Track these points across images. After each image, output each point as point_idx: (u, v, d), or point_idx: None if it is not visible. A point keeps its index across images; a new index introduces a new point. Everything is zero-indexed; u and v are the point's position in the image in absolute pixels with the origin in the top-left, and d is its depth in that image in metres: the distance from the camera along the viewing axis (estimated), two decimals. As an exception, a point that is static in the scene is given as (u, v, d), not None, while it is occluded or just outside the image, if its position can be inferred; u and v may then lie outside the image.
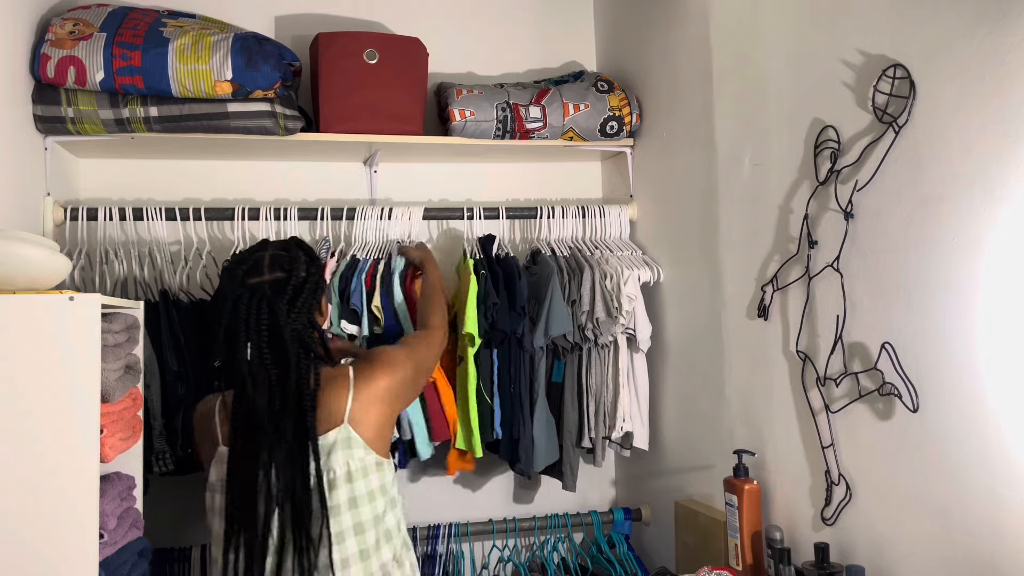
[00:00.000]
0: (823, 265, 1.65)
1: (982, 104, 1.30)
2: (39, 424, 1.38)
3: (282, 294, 1.53)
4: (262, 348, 1.50)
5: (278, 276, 1.55)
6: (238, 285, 1.54)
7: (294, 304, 1.54)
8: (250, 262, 1.57)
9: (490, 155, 2.61)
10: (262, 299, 1.51)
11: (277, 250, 1.60)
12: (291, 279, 1.55)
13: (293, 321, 1.53)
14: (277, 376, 1.51)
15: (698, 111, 2.13)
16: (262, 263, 1.57)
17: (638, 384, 2.36)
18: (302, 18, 2.59)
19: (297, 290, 1.55)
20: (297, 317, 1.54)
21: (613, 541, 2.46)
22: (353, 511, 1.55)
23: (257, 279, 1.55)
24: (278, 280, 1.55)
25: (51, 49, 2.01)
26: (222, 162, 2.50)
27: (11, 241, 1.44)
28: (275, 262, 1.57)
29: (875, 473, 1.55)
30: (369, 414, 1.59)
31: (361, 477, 1.56)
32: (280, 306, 1.52)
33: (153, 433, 2.07)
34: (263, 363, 1.51)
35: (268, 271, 1.56)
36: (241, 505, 1.51)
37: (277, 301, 1.52)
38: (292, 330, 1.52)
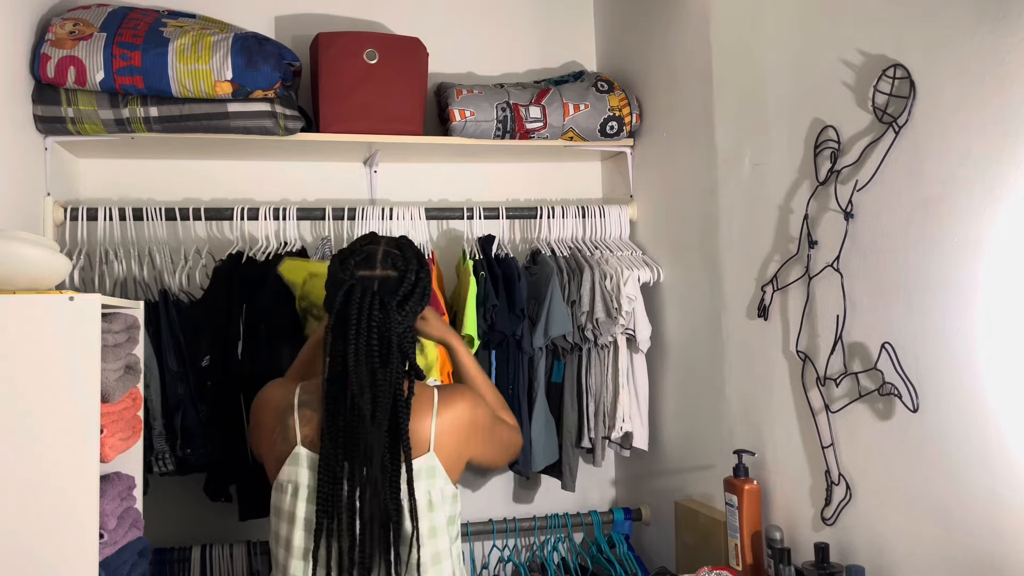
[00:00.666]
0: (823, 265, 1.65)
1: (982, 104, 1.30)
2: (39, 424, 1.38)
3: (393, 294, 1.48)
4: (371, 345, 1.43)
5: (390, 274, 1.49)
6: (349, 275, 1.48)
7: (403, 306, 1.48)
8: (363, 254, 1.51)
9: (490, 155, 2.61)
10: (374, 295, 1.45)
11: (390, 247, 1.53)
12: (404, 280, 1.50)
13: (400, 323, 1.47)
14: (383, 376, 1.44)
15: (698, 111, 2.13)
16: (375, 257, 1.50)
17: (638, 384, 2.36)
18: (302, 18, 2.59)
19: (408, 293, 1.49)
20: (404, 320, 1.48)
21: (613, 541, 2.46)
22: (432, 540, 1.49)
23: (368, 272, 1.49)
24: (389, 278, 1.49)
25: (51, 49, 2.02)
26: (222, 162, 2.50)
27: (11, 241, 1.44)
28: (388, 258, 1.51)
29: (875, 473, 1.55)
30: (450, 441, 1.51)
31: (440, 507, 1.50)
32: (391, 305, 1.46)
33: (153, 433, 2.07)
34: (370, 362, 1.44)
35: (380, 267, 1.49)
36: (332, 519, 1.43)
37: (389, 300, 1.46)
38: (398, 332, 1.47)
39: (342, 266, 1.49)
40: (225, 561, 2.21)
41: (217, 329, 2.11)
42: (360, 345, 1.43)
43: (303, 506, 1.48)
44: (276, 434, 1.53)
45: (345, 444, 1.44)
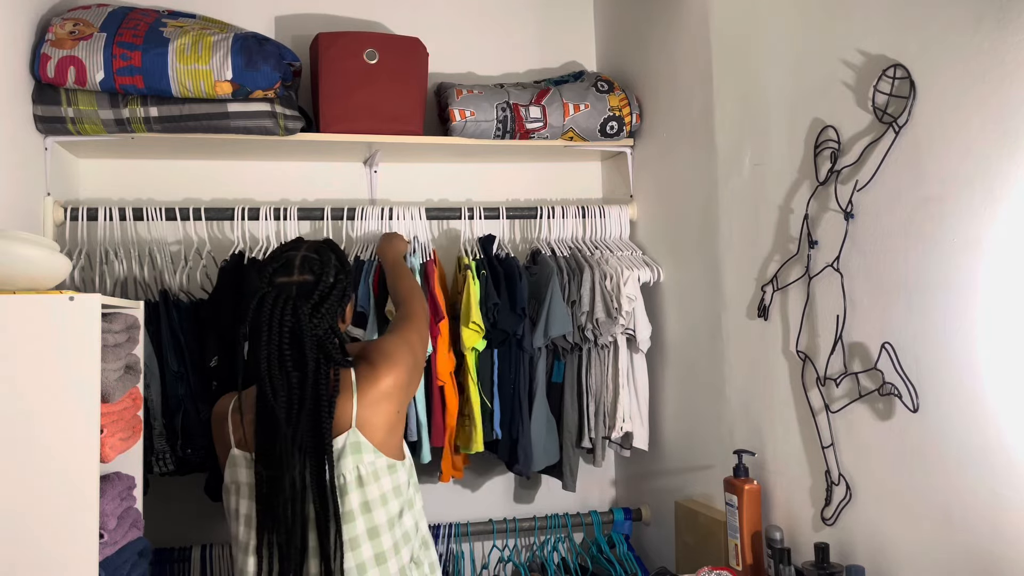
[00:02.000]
0: (823, 265, 1.65)
1: (982, 104, 1.30)
2: (39, 424, 1.38)
3: (307, 298, 1.52)
4: (283, 350, 1.49)
5: (306, 279, 1.54)
6: (266, 283, 1.54)
7: (318, 310, 1.53)
8: (281, 260, 1.57)
9: (490, 155, 2.61)
10: (287, 301, 1.50)
11: (309, 251, 1.59)
12: (319, 284, 1.54)
13: (315, 327, 1.52)
14: (297, 380, 1.50)
15: (698, 111, 2.13)
16: (293, 263, 1.56)
17: (638, 384, 2.36)
18: (302, 18, 2.59)
19: (323, 296, 1.54)
20: (319, 323, 1.52)
21: (613, 541, 2.46)
22: (366, 515, 1.53)
23: (286, 279, 1.54)
24: (306, 283, 1.54)
25: (51, 49, 2.02)
26: (222, 162, 2.50)
27: (11, 241, 1.44)
28: (306, 264, 1.56)
29: (875, 473, 1.55)
30: (377, 415, 1.56)
31: (372, 481, 1.54)
32: (304, 310, 1.50)
33: (153, 433, 2.07)
34: (283, 366, 1.49)
35: (298, 272, 1.55)
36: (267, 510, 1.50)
37: (301, 305, 1.51)
38: (313, 335, 1.51)
39: (260, 274, 1.56)
40: (225, 561, 2.21)
41: (223, 329, 2.11)
42: (272, 351, 1.49)
43: (244, 503, 1.56)
44: (219, 442, 1.65)
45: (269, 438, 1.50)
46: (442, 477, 2.31)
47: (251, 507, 1.55)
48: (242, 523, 1.56)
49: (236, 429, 1.59)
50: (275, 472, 1.49)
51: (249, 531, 1.55)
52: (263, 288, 1.53)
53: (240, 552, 1.57)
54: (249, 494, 1.55)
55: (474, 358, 2.25)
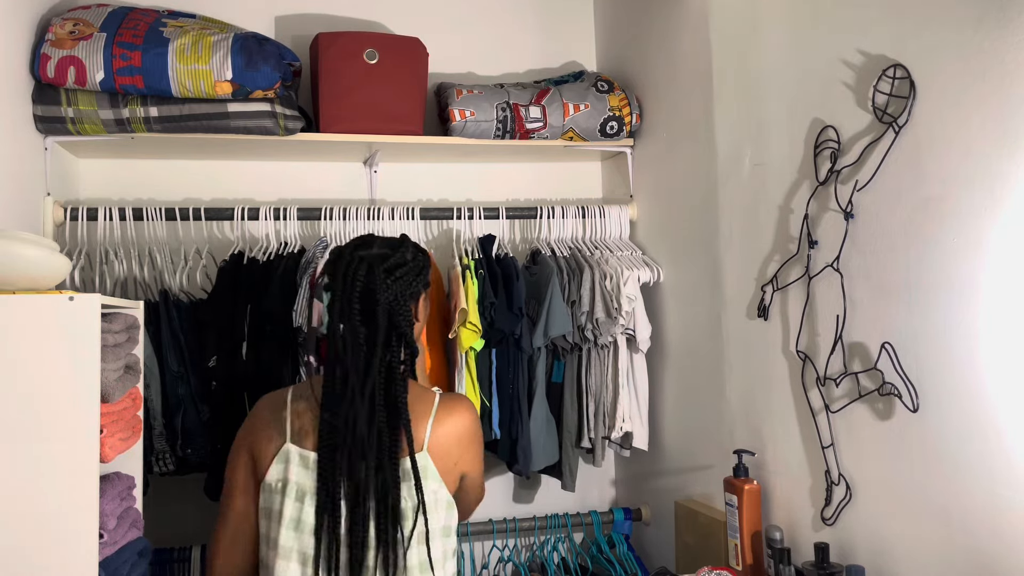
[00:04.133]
0: (823, 265, 1.65)
1: (982, 104, 1.30)
2: (39, 424, 1.38)
3: (383, 261, 1.48)
4: (352, 304, 1.44)
5: (384, 252, 1.51)
6: (347, 253, 1.50)
7: (392, 273, 1.48)
8: (360, 239, 1.55)
9: (490, 155, 2.61)
10: (362, 261, 1.47)
11: (388, 238, 1.57)
12: (395, 254, 1.51)
13: (388, 288, 1.45)
14: (365, 337, 1.43)
15: (698, 111, 2.13)
16: (373, 240, 1.54)
17: (638, 384, 2.36)
18: (302, 18, 2.59)
19: (399, 263, 1.50)
20: (392, 285, 1.46)
21: (613, 541, 2.46)
22: (420, 547, 1.44)
23: (364, 252, 1.50)
24: (383, 254, 1.50)
25: (51, 49, 2.02)
26: (222, 162, 2.50)
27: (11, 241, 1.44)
28: (385, 242, 1.54)
29: (875, 473, 1.55)
30: (447, 443, 1.49)
31: (432, 510, 1.45)
32: (378, 271, 1.46)
33: (153, 433, 2.07)
34: (351, 319, 1.44)
35: (377, 247, 1.51)
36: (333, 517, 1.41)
37: (376, 266, 1.47)
38: (386, 298, 1.45)
39: (339, 251, 1.52)
40: (225, 561, 2.20)
41: (222, 330, 2.11)
42: (344, 305, 1.44)
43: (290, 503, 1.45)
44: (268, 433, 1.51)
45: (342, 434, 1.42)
46: None
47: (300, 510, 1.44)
48: (286, 526, 1.44)
49: (297, 419, 1.49)
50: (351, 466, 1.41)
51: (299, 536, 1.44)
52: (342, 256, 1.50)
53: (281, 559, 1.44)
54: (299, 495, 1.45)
55: (472, 358, 2.25)
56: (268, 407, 1.55)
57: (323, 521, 1.42)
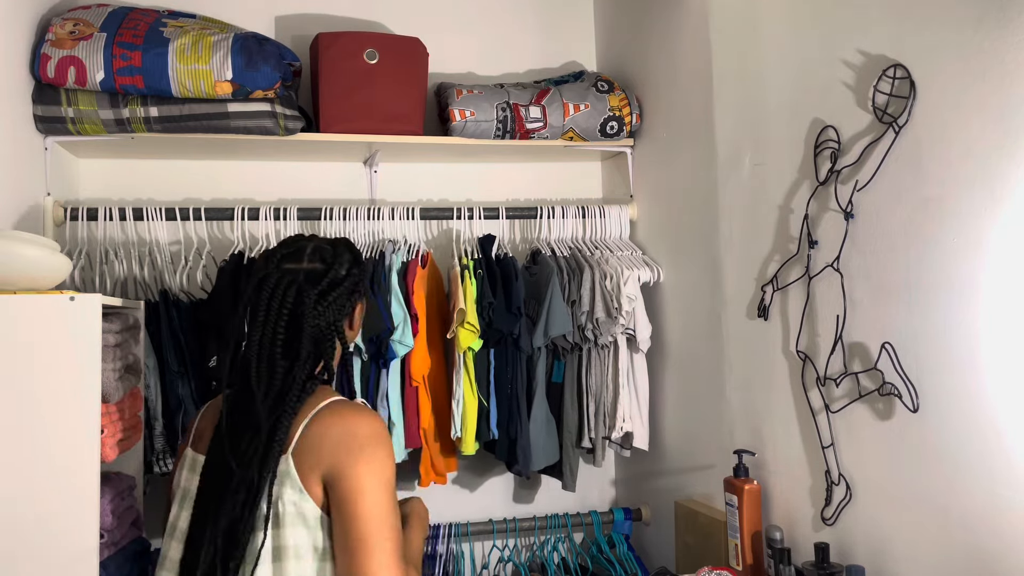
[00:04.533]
0: (823, 265, 1.65)
1: (982, 104, 1.30)
2: (39, 424, 1.38)
3: (314, 284, 1.38)
4: (276, 333, 1.33)
5: (316, 267, 1.40)
6: (273, 267, 1.39)
7: (324, 298, 1.38)
8: (291, 248, 1.43)
9: (490, 155, 2.61)
10: (291, 284, 1.35)
11: (322, 243, 1.45)
12: (329, 272, 1.40)
13: (317, 315, 1.36)
14: (283, 370, 1.32)
15: (698, 111, 2.13)
16: (303, 251, 1.42)
17: (638, 384, 2.36)
18: (302, 18, 2.59)
19: (332, 285, 1.39)
20: (323, 312, 1.37)
21: (613, 541, 2.46)
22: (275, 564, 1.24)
23: (294, 265, 1.39)
24: (315, 271, 1.39)
25: (51, 49, 2.02)
26: (222, 162, 2.50)
27: (11, 241, 1.44)
28: (317, 252, 1.42)
29: (875, 473, 1.55)
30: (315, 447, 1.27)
31: (290, 524, 1.25)
32: (309, 296, 1.35)
33: (153, 433, 2.07)
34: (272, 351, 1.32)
35: (307, 260, 1.40)
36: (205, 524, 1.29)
37: (307, 290, 1.36)
38: (313, 325, 1.35)
39: (266, 261, 1.41)
40: (225, 561, 2.20)
41: (222, 330, 2.11)
42: (266, 333, 1.33)
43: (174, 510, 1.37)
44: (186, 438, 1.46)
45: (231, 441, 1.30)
46: (421, 482, 2.29)
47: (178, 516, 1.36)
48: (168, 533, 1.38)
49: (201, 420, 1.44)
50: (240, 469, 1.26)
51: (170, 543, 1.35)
52: (267, 270, 1.38)
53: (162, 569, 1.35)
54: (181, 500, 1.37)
55: (471, 358, 2.25)
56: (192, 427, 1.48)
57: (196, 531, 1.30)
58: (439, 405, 2.29)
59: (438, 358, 2.31)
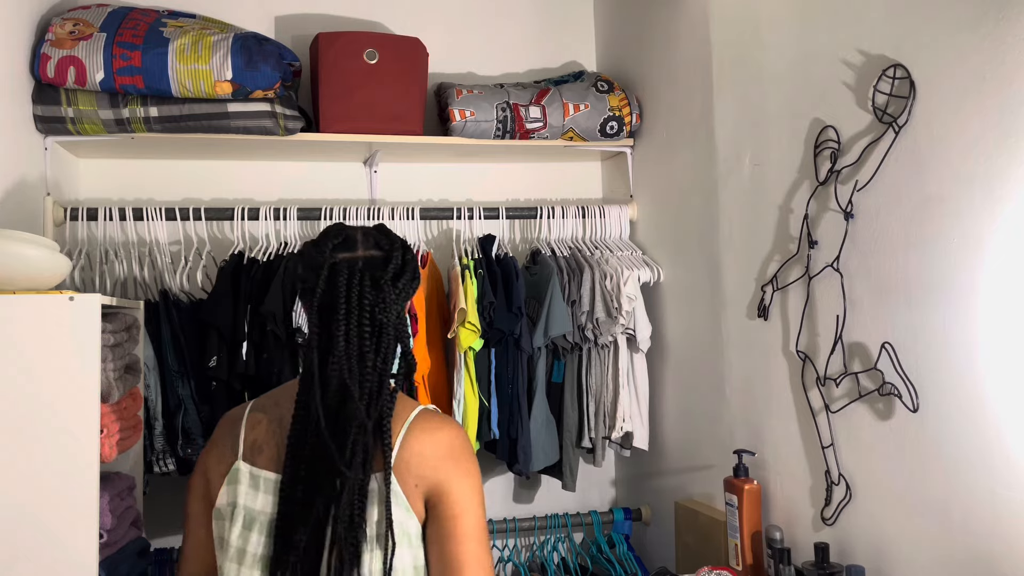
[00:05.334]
0: (823, 265, 1.65)
1: (982, 104, 1.30)
2: (39, 424, 1.38)
3: (383, 271, 1.25)
4: (363, 327, 1.21)
5: (374, 254, 1.27)
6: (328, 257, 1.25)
7: (397, 283, 1.25)
8: (340, 237, 1.28)
9: (490, 155, 2.61)
10: (363, 273, 1.23)
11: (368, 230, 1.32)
12: (390, 259, 1.26)
13: (395, 303, 1.24)
14: (372, 365, 1.21)
15: (698, 111, 2.13)
16: (355, 239, 1.28)
17: (638, 384, 2.36)
18: (302, 18, 2.59)
19: (399, 270, 1.26)
20: (398, 298, 1.25)
21: (613, 541, 2.46)
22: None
23: (349, 254, 1.26)
24: (374, 258, 1.26)
25: (51, 49, 2.02)
26: (222, 162, 2.50)
27: (11, 241, 1.44)
28: (369, 238, 1.29)
29: (875, 473, 1.55)
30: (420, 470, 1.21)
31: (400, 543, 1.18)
32: (385, 281, 1.23)
33: (153, 433, 2.07)
34: (362, 346, 1.21)
35: (362, 248, 1.27)
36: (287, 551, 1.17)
37: (380, 276, 1.23)
38: (394, 315, 1.24)
39: (318, 250, 1.27)
40: (225, 561, 2.20)
41: (222, 330, 2.11)
42: (351, 328, 1.21)
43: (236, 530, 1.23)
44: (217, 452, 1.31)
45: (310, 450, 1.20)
46: None
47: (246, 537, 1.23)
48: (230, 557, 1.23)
49: (251, 431, 1.28)
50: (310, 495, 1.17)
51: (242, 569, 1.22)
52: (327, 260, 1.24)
53: None
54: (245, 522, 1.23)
55: (471, 358, 2.25)
56: (226, 423, 1.34)
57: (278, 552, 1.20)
58: (440, 405, 2.28)
59: (438, 358, 2.31)
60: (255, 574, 1.21)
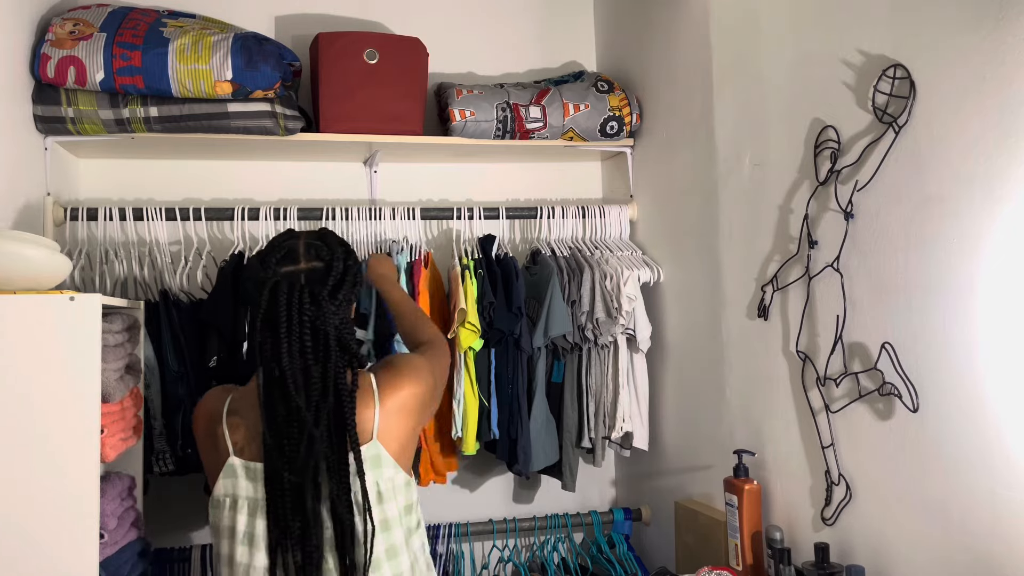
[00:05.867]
0: (823, 265, 1.65)
1: (982, 104, 1.30)
2: (39, 424, 1.38)
3: (322, 285, 1.39)
4: (304, 341, 1.35)
5: (315, 266, 1.41)
6: (271, 273, 1.39)
7: (335, 296, 1.40)
8: (283, 250, 1.42)
9: (490, 155, 2.61)
10: (302, 288, 1.36)
11: (311, 239, 1.45)
12: (331, 270, 1.41)
13: (334, 315, 1.38)
14: (319, 374, 1.36)
15: (698, 111, 2.13)
16: (297, 251, 1.42)
17: (638, 384, 2.36)
18: (302, 18, 2.59)
19: (338, 282, 1.41)
20: (338, 310, 1.40)
21: (613, 541, 2.46)
22: (386, 534, 1.41)
23: (292, 267, 1.40)
24: (315, 270, 1.41)
25: (51, 49, 2.02)
26: (222, 162, 2.50)
27: (11, 241, 1.44)
28: (311, 250, 1.43)
29: (875, 473, 1.55)
30: (396, 427, 1.44)
31: (391, 498, 1.42)
32: (323, 296, 1.37)
33: (153, 433, 2.07)
34: (304, 359, 1.35)
35: (304, 260, 1.41)
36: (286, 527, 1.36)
37: (319, 291, 1.38)
38: (335, 325, 1.38)
39: (263, 264, 1.41)
40: (225, 561, 2.20)
41: (222, 330, 2.11)
42: (293, 343, 1.35)
43: (243, 519, 1.40)
44: (208, 444, 1.47)
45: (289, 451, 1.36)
46: (421, 482, 2.29)
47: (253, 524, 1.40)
48: (239, 542, 1.40)
49: (234, 432, 1.43)
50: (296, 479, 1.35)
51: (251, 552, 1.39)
52: (272, 278, 1.38)
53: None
54: (251, 509, 1.41)
55: (471, 358, 2.25)
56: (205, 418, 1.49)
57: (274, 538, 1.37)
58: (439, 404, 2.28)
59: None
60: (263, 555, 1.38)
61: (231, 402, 1.47)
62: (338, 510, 1.36)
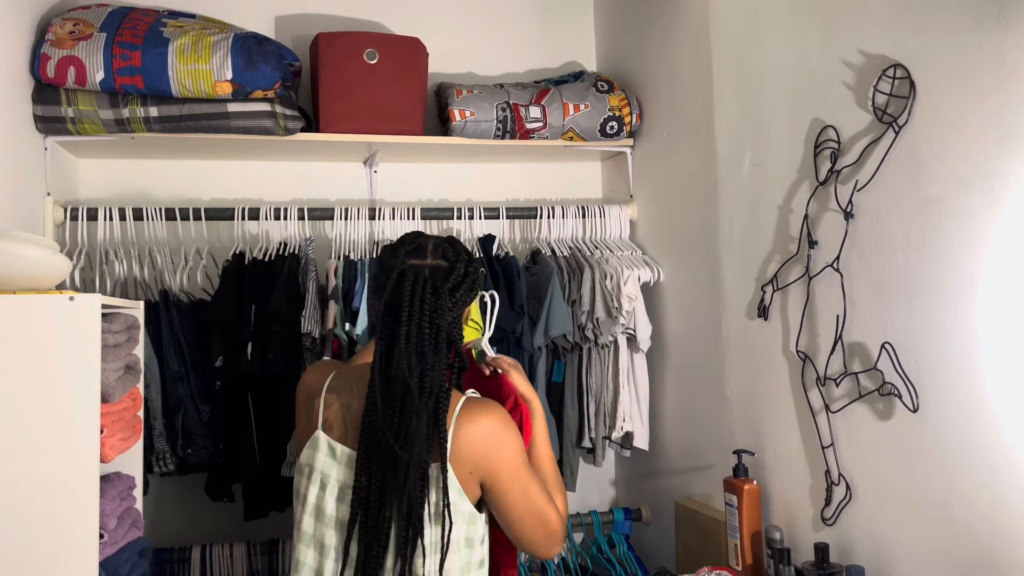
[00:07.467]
0: (823, 265, 1.65)
1: (982, 104, 1.30)
2: (39, 424, 1.38)
3: (444, 281, 1.44)
4: (422, 329, 1.39)
5: (440, 263, 1.46)
6: (399, 262, 1.44)
7: (454, 294, 1.44)
8: (413, 244, 1.48)
9: (490, 155, 2.61)
10: (426, 280, 1.41)
11: (439, 240, 1.51)
12: (453, 270, 1.46)
13: (450, 311, 1.43)
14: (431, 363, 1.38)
15: (698, 111, 2.13)
16: (425, 248, 1.47)
17: (638, 384, 2.36)
18: (302, 18, 2.59)
19: (459, 282, 1.46)
20: (454, 307, 1.44)
21: (613, 541, 2.46)
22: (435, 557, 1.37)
23: (419, 261, 1.45)
24: (439, 267, 1.46)
25: (51, 49, 2.02)
26: (222, 162, 2.50)
27: (11, 241, 1.44)
28: (438, 249, 1.48)
29: (875, 473, 1.55)
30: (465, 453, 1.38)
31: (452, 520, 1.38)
32: (443, 290, 1.42)
33: (153, 433, 2.07)
34: (420, 344, 1.38)
35: (431, 256, 1.47)
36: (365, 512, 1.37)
37: (440, 285, 1.42)
38: (448, 321, 1.42)
39: (393, 254, 1.47)
40: (225, 561, 2.20)
41: (228, 330, 2.11)
42: (412, 328, 1.39)
43: (314, 491, 1.44)
44: (303, 414, 1.52)
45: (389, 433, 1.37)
46: None
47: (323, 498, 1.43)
48: (308, 512, 1.44)
49: (327, 408, 1.46)
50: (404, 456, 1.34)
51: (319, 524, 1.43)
52: (399, 266, 1.43)
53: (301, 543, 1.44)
54: (323, 484, 1.43)
55: (474, 355, 2.24)
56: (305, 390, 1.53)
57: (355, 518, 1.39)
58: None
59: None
60: (330, 531, 1.41)
61: (333, 378, 1.50)
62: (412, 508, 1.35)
